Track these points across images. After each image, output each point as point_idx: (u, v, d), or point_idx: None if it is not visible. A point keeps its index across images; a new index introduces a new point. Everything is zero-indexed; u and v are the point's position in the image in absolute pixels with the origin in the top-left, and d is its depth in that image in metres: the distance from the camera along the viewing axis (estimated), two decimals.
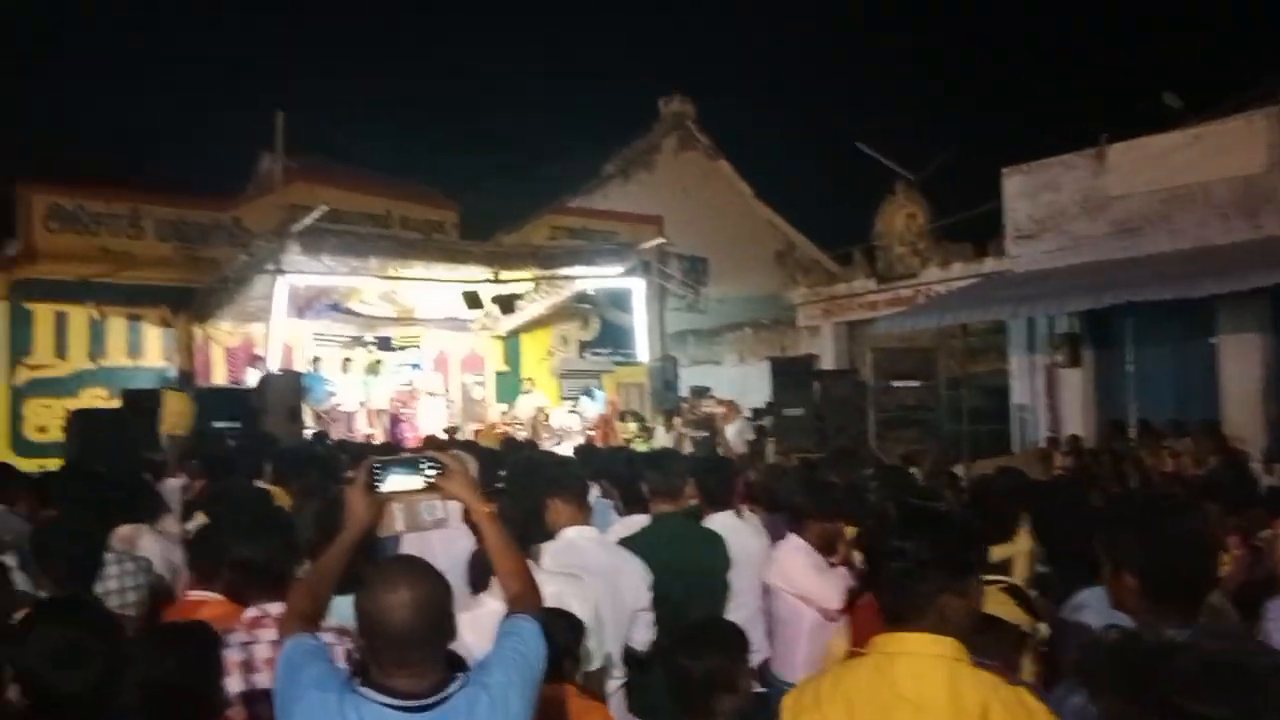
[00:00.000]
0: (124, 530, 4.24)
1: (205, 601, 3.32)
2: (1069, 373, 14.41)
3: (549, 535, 4.05)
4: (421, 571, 2.00)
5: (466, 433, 15.11)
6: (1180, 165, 13.21)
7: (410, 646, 1.91)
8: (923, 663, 1.91)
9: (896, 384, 13.86)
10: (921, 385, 13.72)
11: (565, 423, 15.90)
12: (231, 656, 2.96)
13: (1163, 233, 13.38)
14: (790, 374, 14.34)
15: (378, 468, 2.28)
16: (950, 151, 17.76)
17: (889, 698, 1.91)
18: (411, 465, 2.30)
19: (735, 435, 13.41)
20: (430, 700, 1.90)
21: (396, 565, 2.02)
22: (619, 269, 16.90)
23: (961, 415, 14.81)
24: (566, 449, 11.30)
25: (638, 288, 17.41)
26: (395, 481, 2.26)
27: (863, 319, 17.78)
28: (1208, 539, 2.27)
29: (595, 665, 3.35)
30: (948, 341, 15.63)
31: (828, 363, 17.73)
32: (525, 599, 2.23)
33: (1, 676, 2.20)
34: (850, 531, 4.55)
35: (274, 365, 13.71)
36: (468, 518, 2.42)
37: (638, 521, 4.53)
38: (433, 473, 2.27)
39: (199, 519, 4.77)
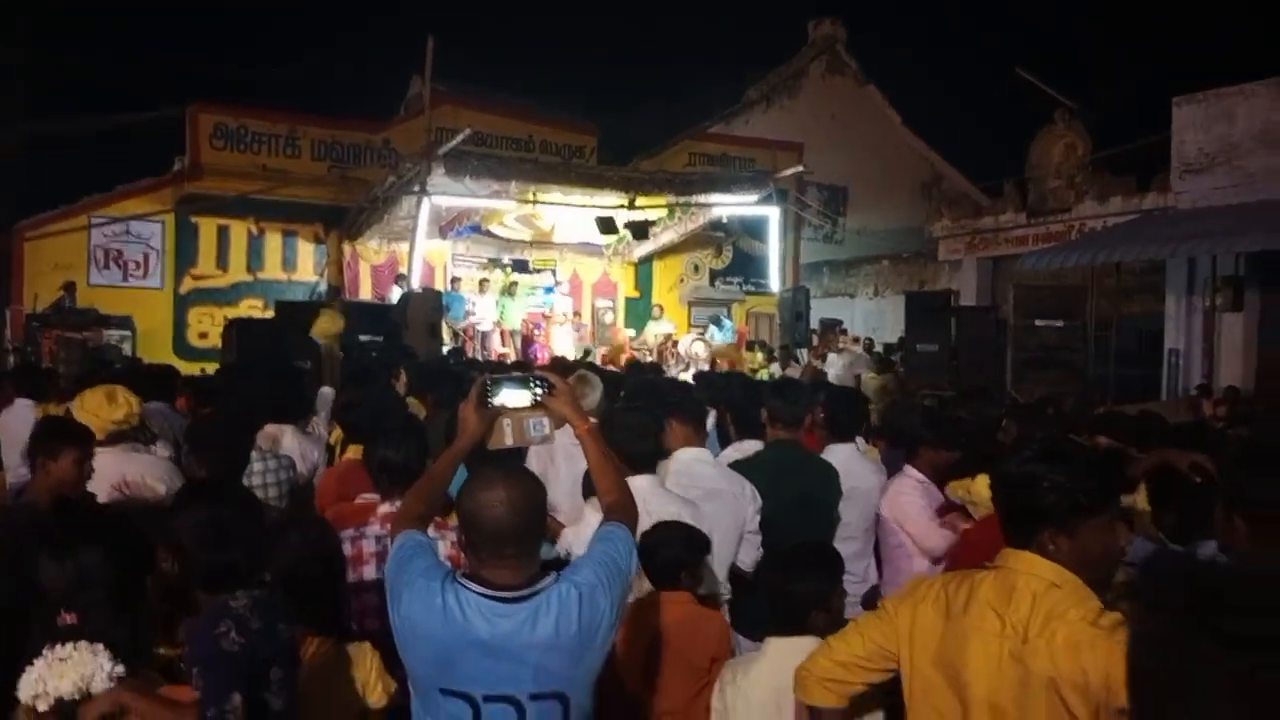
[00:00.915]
0: (269, 429, 4.55)
1: (371, 501, 3.52)
2: (1229, 317, 13.56)
3: (665, 454, 4.16)
4: (517, 473, 2.12)
5: (596, 357, 15.40)
6: None
7: (505, 542, 2.04)
8: (1017, 578, 1.97)
9: (1040, 323, 13.33)
10: (1066, 325, 13.16)
11: (692, 350, 15.96)
12: (367, 547, 3.19)
13: None
14: (926, 309, 13.98)
15: (490, 384, 2.39)
16: (1120, 79, 16.71)
17: (978, 603, 1.99)
18: (521, 383, 2.40)
19: (842, 369, 13.17)
20: (523, 593, 2.03)
21: (495, 468, 2.14)
22: (755, 197, 16.69)
23: (1109, 358, 14.17)
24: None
25: (773, 216, 17.17)
26: (505, 397, 2.38)
27: (1008, 254, 17.10)
28: None
29: (701, 590, 3.42)
30: (1099, 280, 14.88)
31: (968, 299, 17.19)
32: (620, 510, 2.32)
33: (154, 555, 2.43)
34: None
35: (416, 283, 14.23)
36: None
37: (750, 447, 4.57)
38: (541, 391, 2.38)
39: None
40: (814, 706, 2.23)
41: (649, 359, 14.82)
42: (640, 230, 16.25)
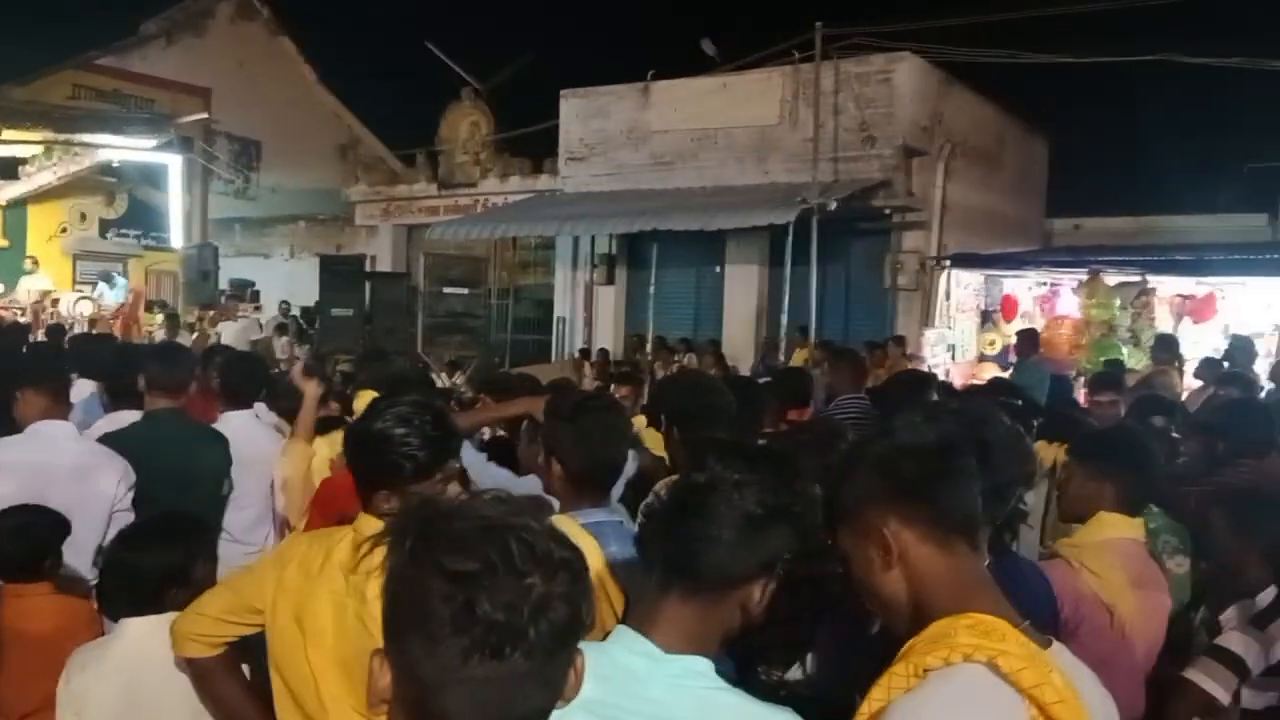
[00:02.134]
0: None
1: None
2: (605, 290, 15.61)
3: (18, 428, 3.71)
4: None
5: None
6: (709, 109, 14.67)
7: None
8: (361, 539, 2.01)
9: (448, 290, 14.12)
10: (471, 293, 14.12)
11: (77, 310, 14.14)
12: None
13: (691, 169, 14.83)
14: (341, 273, 14.04)
15: None
16: (518, 65, 18.14)
17: (331, 563, 2.07)
18: None
19: (236, 335, 12.77)
20: None
21: None
22: (153, 142, 15.27)
23: (508, 324, 15.49)
24: None
25: (174, 165, 15.84)
26: None
27: (422, 223, 17.76)
28: (624, 437, 2.64)
29: (63, 576, 3.13)
30: (500, 253, 16.17)
31: (384, 265, 17.54)
32: None
33: None
34: None
35: None
36: None
37: (127, 417, 4.25)
38: None
39: None
40: (190, 659, 2.23)
41: (23, 320, 12.82)
42: (8, 168, 13.96)
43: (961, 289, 13.23)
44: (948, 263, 13.14)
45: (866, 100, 13.58)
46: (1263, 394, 7.55)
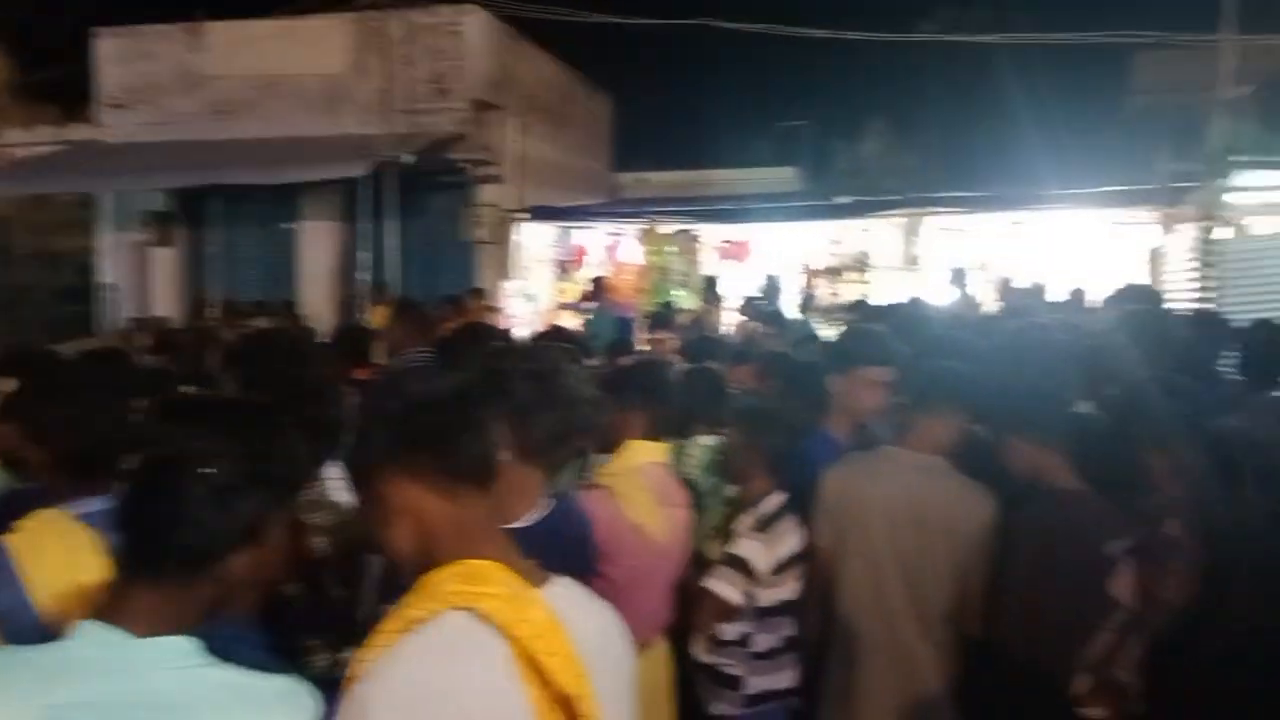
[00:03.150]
0: None
1: None
2: (160, 252, 14.14)
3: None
4: None
5: None
6: (273, 54, 13.70)
7: None
8: None
9: None
10: None
11: None
12: None
13: (256, 118, 13.78)
14: None
15: None
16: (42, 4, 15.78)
17: None
18: None
19: None
20: None
21: None
22: None
23: (42, 295, 13.57)
24: None
25: None
26: None
27: None
28: (116, 414, 2.37)
29: None
30: (28, 213, 14.05)
31: None
32: None
33: None
34: None
35: None
36: None
37: None
38: None
39: None
40: None
41: None
42: None
43: (537, 241, 13.67)
44: (526, 215, 13.50)
45: (437, 52, 13.44)
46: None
